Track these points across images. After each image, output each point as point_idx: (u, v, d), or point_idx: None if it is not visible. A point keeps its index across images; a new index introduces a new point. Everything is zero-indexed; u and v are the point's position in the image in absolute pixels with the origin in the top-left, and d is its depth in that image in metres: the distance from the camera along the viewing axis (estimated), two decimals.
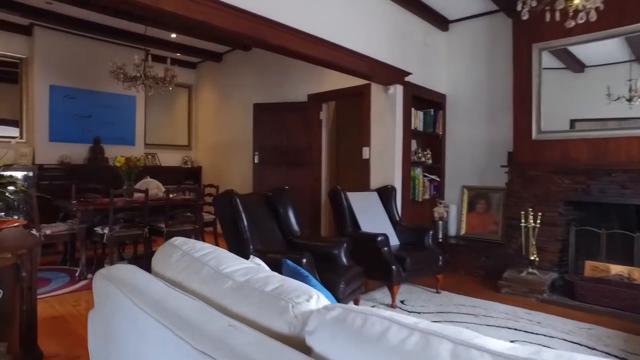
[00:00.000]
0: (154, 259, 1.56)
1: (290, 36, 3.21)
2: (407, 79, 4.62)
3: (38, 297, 3.85)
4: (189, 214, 4.86)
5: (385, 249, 3.49)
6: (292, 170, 5.40)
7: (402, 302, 3.62)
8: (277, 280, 1.14)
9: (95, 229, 4.33)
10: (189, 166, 7.40)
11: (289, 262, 1.69)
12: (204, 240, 5.43)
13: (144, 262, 4.54)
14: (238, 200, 2.81)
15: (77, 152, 6.00)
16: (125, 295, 1.26)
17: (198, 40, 6.10)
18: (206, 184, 5.82)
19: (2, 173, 2.31)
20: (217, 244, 5.57)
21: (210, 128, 7.25)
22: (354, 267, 3.15)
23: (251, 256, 1.80)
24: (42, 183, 5.54)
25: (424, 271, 3.69)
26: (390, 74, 4.41)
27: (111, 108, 6.35)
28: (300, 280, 1.52)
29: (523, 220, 3.91)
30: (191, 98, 7.61)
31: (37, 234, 4.11)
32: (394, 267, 3.42)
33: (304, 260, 2.59)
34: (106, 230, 4.17)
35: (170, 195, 4.57)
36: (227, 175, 6.78)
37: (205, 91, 7.41)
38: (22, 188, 2.26)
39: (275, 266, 1.66)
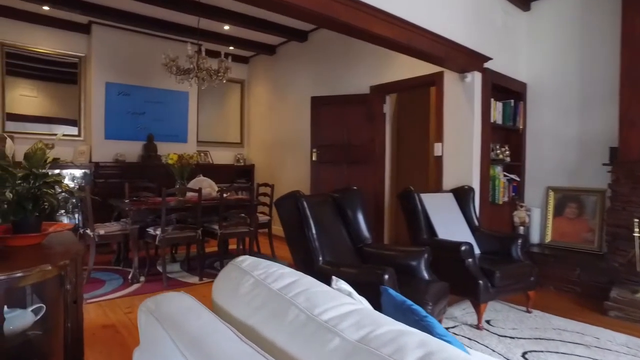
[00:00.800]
0: (216, 285, 1.19)
1: (363, 13, 2.78)
2: (486, 65, 4.06)
3: (90, 300, 3.71)
4: (242, 215, 4.56)
5: (470, 260, 2.99)
6: (352, 169, 4.98)
7: (488, 322, 3.09)
8: (413, 341, 0.72)
9: (148, 229, 4.12)
10: (242, 164, 7.16)
11: (391, 292, 1.26)
12: (258, 244, 5.12)
13: (197, 265, 4.32)
14: (305, 204, 2.43)
15: (131, 149, 5.90)
16: (176, 345, 0.89)
17: (252, 31, 5.81)
18: (260, 182, 5.51)
19: (46, 171, 2.05)
20: (272, 247, 5.27)
21: (264, 124, 6.97)
22: (437, 283, 2.68)
23: (334, 279, 1.40)
24: (98, 181, 5.47)
25: (514, 287, 3.14)
26: (468, 59, 3.87)
27: (164, 104, 6.20)
28: (415, 320, 1.09)
29: (637, 230, 3.26)
30: (243, 94, 7.37)
31: (91, 234, 3.95)
32: (481, 282, 2.91)
33: (386, 277, 2.16)
34: (158, 232, 3.94)
35: (224, 195, 4.28)
36: (282, 174, 6.47)
37: (258, 86, 7.14)
38: (67, 188, 1.96)
39: (355, 285, 1.26)
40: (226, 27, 5.81)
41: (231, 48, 6.52)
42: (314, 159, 5.11)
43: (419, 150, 5.98)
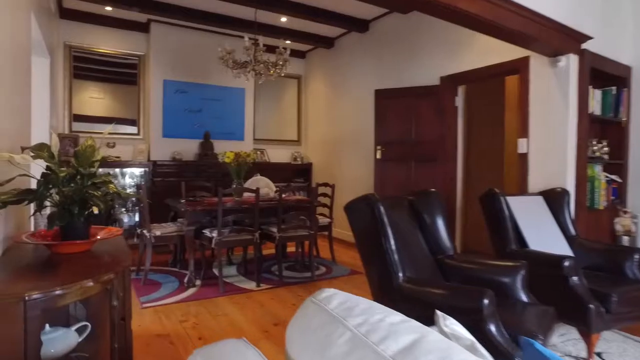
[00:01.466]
0: (292, 332, 0.85)
1: None
2: (584, 45, 3.47)
3: (146, 305, 3.56)
4: (302, 217, 4.26)
5: (575, 278, 2.47)
6: (420, 167, 4.54)
7: (599, 355, 2.56)
8: None
9: (204, 231, 3.94)
10: (299, 163, 6.91)
11: (539, 347, 0.86)
12: (317, 247, 4.81)
13: (254, 269, 4.07)
14: (382, 209, 2.06)
15: (188, 147, 5.81)
16: None
17: (309, 23, 5.51)
18: (319, 182, 5.20)
19: (95, 170, 1.84)
20: (332, 252, 4.94)
21: (322, 121, 6.66)
22: (538, 306, 2.20)
23: (440, 316, 1.03)
24: (155, 180, 5.42)
25: (634, 314, 2.58)
26: (563, 40, 3.31)
27: (221, 102, 6.07)
28: None
29: None
30: (300, 90, 7.11)
31: (147, 235, 3.82)
32: (592, 306, 2.39)
33: (486, 302, 1.74)
34: (214, 234, 3.73)
35: (283, 196, 4.00)
36: (341, 173, 6.13)
37: (315, 81, 6.85)
38: (116, 189, 1.72)
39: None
40: (283, 19, 5.56)
41: (288, 42, 6.27)
42: (378, 156, 4.72)
43: (492, 147, 5.41)
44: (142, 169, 5.47)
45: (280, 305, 3.50)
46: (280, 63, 4.26)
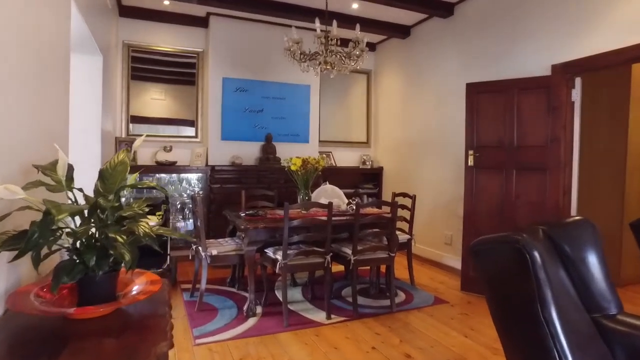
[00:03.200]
0: None
1: None
2: None
3: (199, 341, 3.02)
4: (377, 231, 3.59)
5: None
6: (522, 177, 3.69)
7: None
8: None
9: (267, 250, 3.39)
10: (368, 167, 6.23)
11: None
12: (393, 272, 4.10)
13: (322, 293, 3.44)
14: (540, 262, 1.34)
15: (248, 151, 5.34)
16: None
17: (383, 8, 4.81)
18: (396, 192, 4.51)
19: (121, 202, 1.30)
20: (411, 272, 4.21)
21: (394, 121, 5.93)
22: None
23: None
24: (213, 186, 4.98)
25: None
26: None
27: (284, 100, 5.54)
28: None
29: None
30: (370, 86, 6.43)
31: (203, 254, 3.33)
32: None
33: None
34: (279, 256, 3.17)
35: (361, 210, 3.35)
36: (419, 181, 5.37)
37: (387, 77, 6.13)
38: (148, 230, 1.13)
39: None
40: (355, 6, 4.90)
41: (358, 33, 5.60)
42: (469, 163, 3.93)
43: (610, 151, 4.41)
44: (200, 174, 5.07)
45: (356, 347, 2.85)
46: (357, 53, 3.60)
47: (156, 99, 5.26)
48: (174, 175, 5.00)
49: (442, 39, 5.00)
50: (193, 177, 5.07)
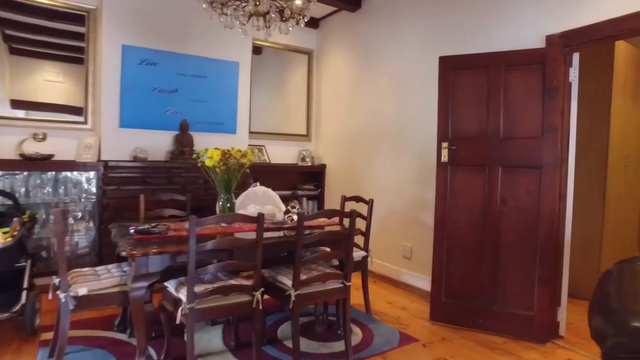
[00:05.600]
0: None
1: None
2: None
3: None
4: (328, 253, 2.60)
5: None
6: (510, 176, 2.90)
7: None
8: None
9: (168, 285, 2.28)
10: (309, 164, 5.25)
11: None
12: (349, 308, 3.09)
13: (250, 336, 2.38)
14: None
15: (157, 142, 4.13)
16: None
17: None
18: (346, 195, 3.56)
19: None
20: (366, 297, 3.24)
21: (341, 110, 5.00)
22: None
23: None
24: (108, 189, 3.72)
25: None
26: None
27: (204, 80, 4.39)
28: None
29: None
30: (311, 68, 5.45)
31: (61, 296, 2.14)
32: None
33: None
34: (182, 295, 2.08)
35: (306, 223, 2.33)
36: (369, 180, 4.48)
37: (333, 57, 5.18)
38: None
39: None
40: None
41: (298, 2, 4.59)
42: (443, 158, 3.07)
43: (591, 147, 3.81)
44: (89, 173, 3.79)
45: None
46: (299, 3, 2.59)
47: (51, 81, 3.90)
48: (51, 173, 3.67)
49: (403, 8, 4.13)
50: (79, 176, 3.77)
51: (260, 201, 3.11)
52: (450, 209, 3.10)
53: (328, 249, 2.77)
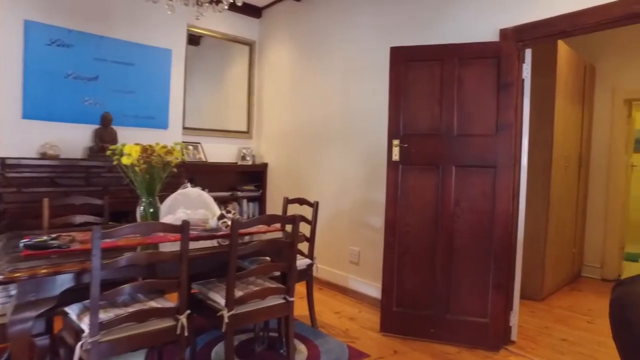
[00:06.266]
0: None
1: None
2: None
3: None
4: (268, 265, 2.29)
5: None
6: (465, 177, 2.73)
7: None
8: None
9: (69, 310, 1.84)
10: (249, 163, 4.87)
11: None
12: (292, 325, 2.75)
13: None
14: None
15: (72, 137, 3.59)
16: None
17: None
18: (289, 197, 3.26)
19: None
20: (311, 309, 2.94)
21: (284, 105, 4.68)
22: None
23: None
24: (5, 192, 3.14)
25: None
26: None
27: (131, 68, 3.89)
28: None
29: None
30: (253, 61, 5.07)
31: None
32: None
33: None
34: (85, 325, 1.66)
35: (242, 231, 2.00)
36: (315, 180, 4.20)
37: (276, 49, 4.84)
38: None
39: None
40: None
41: None
42: (394, 157, 2.84)
43: (537, 146, 3.79)
44: None
45: None
46: None
47: None
48: None
49: None
50: None
51: (192, 205, 2.72)
52: (401, 211, 2.89)
53: (269, 259, 2.45)
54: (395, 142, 2.83)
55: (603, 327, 3.24)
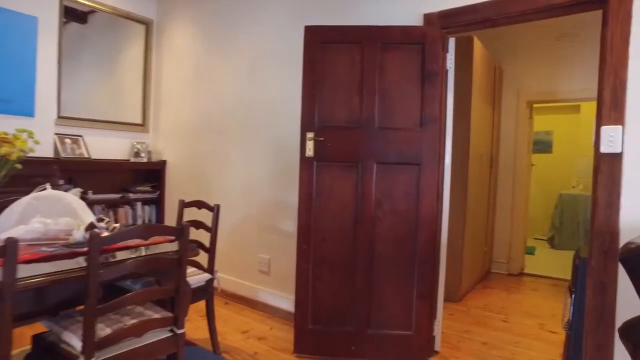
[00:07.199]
0: None
1: None
2: None
3: None
4: (145, 291, 1.78)
5: None
6: (387, 175, 2.45)
7: None
8: None
9: None
10: (145, 160, 4.20)
11: None
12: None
13: None
14: None
15: None
16: None
17: None
18: (185, 200, 2.74)
19: None
20: (212, 331, 2.44)
21: (186, 95, 4.09)
22: None
23: None
24: None
25: None
26: None
27: None
28: None
29: None
30: (150, 43, 4.40)
31: None
32: None
33: None
34: None
35: (122, 244, 1.47)
36: (220, 179, 3.69)
37: (177, 30, 4.23)
38: None
39: None
40: None
41: None
42: (308, 152, 2.47)
43: (455, 144, 3.68)
44: None
45: None
46: None
47: None
48: None
49: None
50: None
51: (52, 212, 2.10)
52: (316, 214, 2.53)
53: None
54: (310, 135, 2.46)
55: (517, 325, 3.23)
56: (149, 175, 4.21)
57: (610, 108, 1.97)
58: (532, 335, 3.03)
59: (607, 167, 1.97)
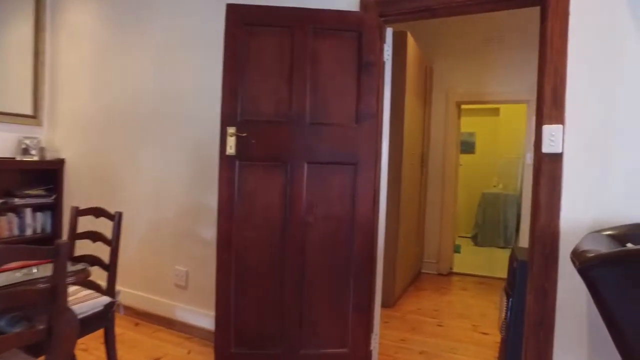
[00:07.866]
0: None
1: None
2: None
3: None
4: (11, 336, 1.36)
5: None
6: (320, 176, 2.19)
7: None
8: None
9: None
10: (36, 158, 3.57)
11: None
12: None
13: None
14: None
15: None
16: None
17: None
18: (79, 207, 2.26)
19: None
20: None
21: (88, 83, 3.52)
22: None
23: None
24: None
25: None
26: None
27: None
28: None
29: None
30: (42, 20, 3.75)
31: None
32: None
33: None
34: None
35: None
36: (129, 181, 3.20)
37: (76, 5, 3.63)
38: None
39: None
40: None
41: None
42: (229, 150, 2.13)
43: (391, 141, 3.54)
44: None
45: None
46: None
47: None
48: None
49: None
50: None
51: None
52: (239, 220, 2.20)
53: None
54: (231, 130, 2.13)
55: (452, 329, 3.15)
56: (43, 176, 3.58)
57: (551, 107, 1.88)
58: (467, 339, 2.96)
59: (548, 167, 1.88)
